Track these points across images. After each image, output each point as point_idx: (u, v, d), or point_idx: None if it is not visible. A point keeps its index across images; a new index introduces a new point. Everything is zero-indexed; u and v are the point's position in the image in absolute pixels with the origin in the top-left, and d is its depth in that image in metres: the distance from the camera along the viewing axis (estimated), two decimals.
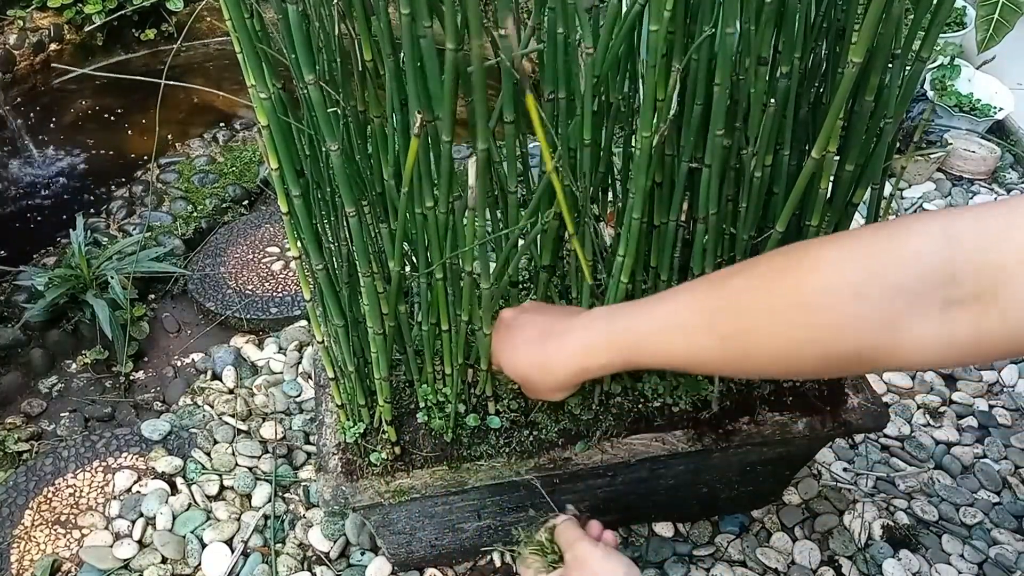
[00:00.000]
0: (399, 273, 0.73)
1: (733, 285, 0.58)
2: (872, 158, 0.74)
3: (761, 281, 0.56)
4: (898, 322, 0.48)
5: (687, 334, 0.60)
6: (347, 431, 0.83)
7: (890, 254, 0.49)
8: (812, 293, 0.52)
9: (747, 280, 0.57)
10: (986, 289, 0.45)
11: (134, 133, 2.05)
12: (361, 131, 0.68)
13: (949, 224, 0.47)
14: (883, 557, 1.05)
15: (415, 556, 1.00)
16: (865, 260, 0.50)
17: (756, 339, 0.55)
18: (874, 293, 0.49)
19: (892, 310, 0.48)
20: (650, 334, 0.62)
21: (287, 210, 0.67)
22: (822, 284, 0.51)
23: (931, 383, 1.29)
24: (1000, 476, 1.15)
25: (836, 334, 0.51)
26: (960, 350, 0.48)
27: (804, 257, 0.54)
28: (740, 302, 0.57)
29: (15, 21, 2.13)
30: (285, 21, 0.57)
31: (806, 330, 0.52)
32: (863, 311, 0.49)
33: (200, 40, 2.40)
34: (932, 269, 0.47)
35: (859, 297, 0.49)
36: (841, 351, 0.52)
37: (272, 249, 1.58)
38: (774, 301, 0.54)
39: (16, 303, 1.41)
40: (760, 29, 0.64)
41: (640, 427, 0.86)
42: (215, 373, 1.34)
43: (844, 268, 0.51)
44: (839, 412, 0.89)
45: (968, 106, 1.77)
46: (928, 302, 0.47)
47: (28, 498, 1.13)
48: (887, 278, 0.48)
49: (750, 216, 0.75)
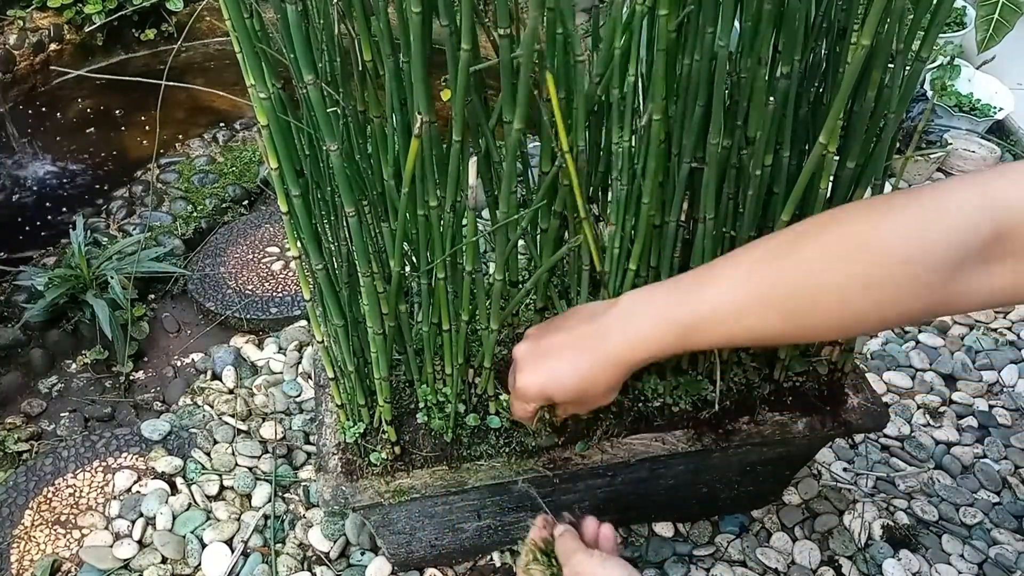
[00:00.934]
0: (399, 273, 0.73)
1: (788, 266, 0.59)
2: (872, 157, 0.74)
3: (816, 261, 0.58)
4: (949, 283, 0.54)
5: (742, 316, 0.60)
6: (347, 431, 0.83)
7: (936, 220, 0.54)
8: (870, 266, 0.55)
9: (800, 259, 0.59)
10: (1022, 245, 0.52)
11: (134, 133, 2.05)
12: (361, 131, 0.68)
13: (987, 187, 0.53)
14: (883, 557, 1.05)
15: (415, 556, 1.00)
16: (913, 228, 0.54)
17: (818, 313, 0.59)
18: (927, 260, 0.53)
19: (943, 273, 0.53)
20: (702, 320, 0.62)
21: (287, 210, 0.67)
22: (878, 257, 0.55)
23: (931, 383, 1.29)
24: (1000, 476, 1.15)
25: (895, 301, 0.56)
26: (1000, 298, 0.55)
27: (855, 231, 0.57)
28: (798, 282, 0.59)
29: (15, 21, 2.13)
30: (284, 21, 0.57)
31: (866, 301, 0.56)
32: (918, 278, 0.54)
33: (200, 40, 2.40)
34: (976, 229, 0.52)
35: (912, 264, 0.54)
36: (901, 313, 0.57)
37: (272, 249, 1.58)
38: (834, 279, 0.57)
39: (16, 303, 1.41)
40: (761, 29, 0.64)
41: (640, 427, 0.86)
42: (215, 373, 1.34)
43: (895, 238, 0.55)
44: (839, 412, 0.89)
45: (968, 106, 1.77)
46: (974, 260, 0.53)
47: (28, 498, 1.13)
48: (936, 244, 0.53)
49: (749, 215, 0.75)
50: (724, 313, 0.61)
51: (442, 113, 0.60)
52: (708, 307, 0.62)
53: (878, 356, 1.34)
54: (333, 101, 0.62)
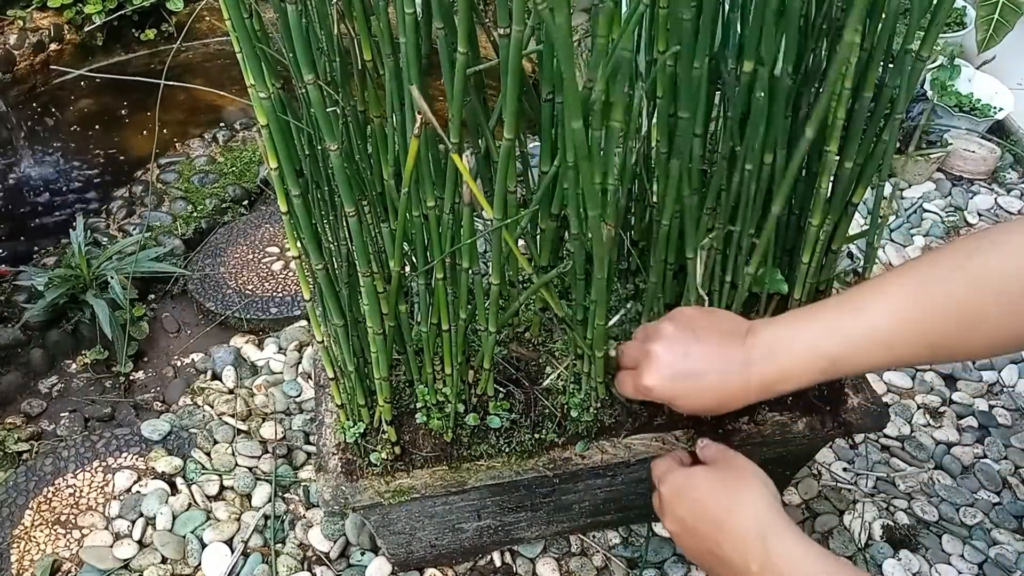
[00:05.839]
0: (399, 273, 0.73)
1: (934, 296, 0.61)
2: (872, 157, 0.74)
3: (963, 288, 0.60)
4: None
5: (892, 348, 0.62)
6: (347, 431, 0.83)
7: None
8: (1012, 292, 0.58)
9: (947, 288, 0.61)
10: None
11: (134, 133, 2.05)
12: (361, 131, 0.68)
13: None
14: (883, 557, 1.05)
15: (415, 556, 1.00)
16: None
17: (970, 341, 0.60)
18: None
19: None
20: (853, 349, 0.63)
21: (287, 210, 0.67)
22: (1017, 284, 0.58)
23: (931, 383, 1.29)
24: (1000, 476, 1.15)
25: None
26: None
27: (995, 254, 0.59)
28: (947, 312, 0.60)
29: (15, 21, 2.13)
30: (284, 21, 0.57)
31: (1013, 324, 0.59)
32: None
33: (200, 40, 2.40)
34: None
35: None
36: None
37: (272, 249, 1.58)
38: (990, 310, 0.59)
39: (16, 303, 1.41)
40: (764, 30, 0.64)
41: (640, 427, 0.86)
42: (215, 373, 1.34)
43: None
44: (839, 412, 0.89)
45: (968, 106, 1.77)
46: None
47: (28, 498, 1.13)
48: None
49: (750, 214, 0.75)
50: (874, 343, 0.62)
51: (441, 113, 0.60)
52: (857, 337, 0.63)
53: None
54: (333, 101, 0.62)
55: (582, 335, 0.78)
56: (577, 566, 1.04)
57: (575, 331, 0.78)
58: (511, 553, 1.05)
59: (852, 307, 0.64)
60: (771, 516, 0.67)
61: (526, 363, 0.88)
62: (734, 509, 0.68)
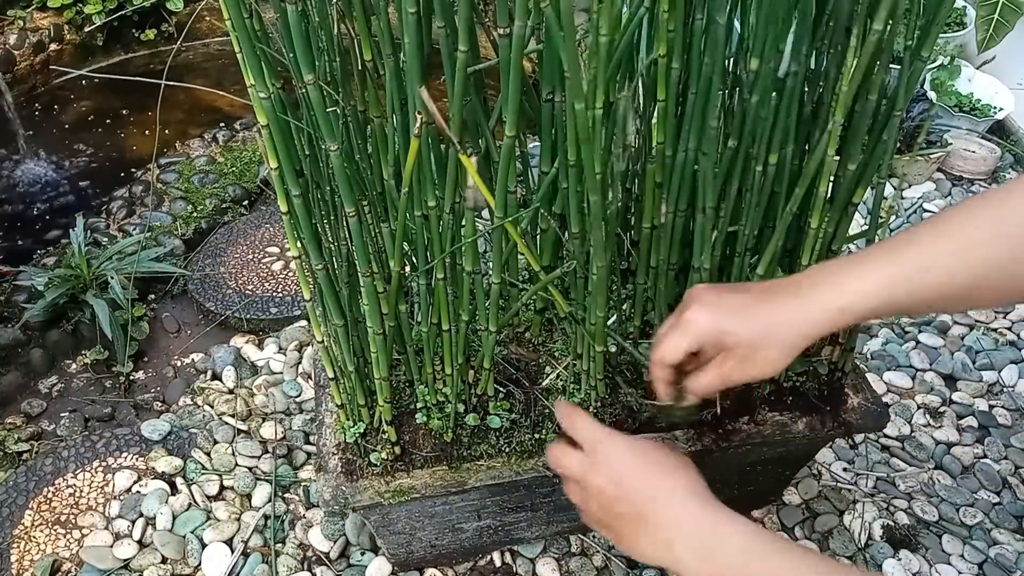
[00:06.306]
0: (399, 273, 0.73)
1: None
2: (872, 157, 0.74)
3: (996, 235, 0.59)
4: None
5: (954, 273, 0.61)
6: (347, 431, 0.83)
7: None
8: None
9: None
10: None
11: (134, 133, 2.05)
12: (361, 131, 0.68)
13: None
14: (883, 557, 1.05)
15: (415, 556, 1.00)
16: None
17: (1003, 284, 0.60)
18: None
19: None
20: (916, 272, 0.61)
21: (287, 210, 0.67)
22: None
23: (931, 383, 1.29)
24: (1000, 476, 1.15)
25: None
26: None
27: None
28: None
29: (15, 21, 2.13)
30: (284, 21, 0.57)
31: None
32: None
33: (200, 40, 2.40)
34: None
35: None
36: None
37: (272, 249, 1.58)
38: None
39: (16, 303, 1.41)
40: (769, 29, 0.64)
41: (640, 427, 0.86)
42: (215, 373, 1.34)
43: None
44: (839, 412, 0.89)
45: (968, 106, 1.77)
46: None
47: (28, 498, 1.13)
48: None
49: (752, 213, 0.75)
50: (937, 270, 0.61)
51: (442, 113, 0.60)
52: (923, 262, 0.61)
53: (878, 356, 1.34)
54: (333, 101, 0.62)
55: (583, 332, 0.78)
56: (577, 566, 1.03)
57: (580, 327, 0.78)
58: (511, 553, 1.05)
59: (906, 240, 0.62)
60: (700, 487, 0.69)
61: (526, 363, 0.88)
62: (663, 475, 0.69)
